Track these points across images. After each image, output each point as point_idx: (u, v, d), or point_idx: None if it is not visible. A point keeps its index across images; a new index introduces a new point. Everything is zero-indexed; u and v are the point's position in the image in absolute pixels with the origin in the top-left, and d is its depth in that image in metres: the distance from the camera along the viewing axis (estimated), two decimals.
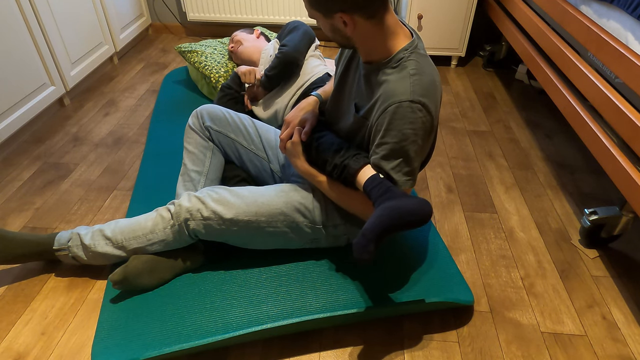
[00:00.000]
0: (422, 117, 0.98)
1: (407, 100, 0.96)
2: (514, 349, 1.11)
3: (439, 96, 1.03)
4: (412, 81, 0.97)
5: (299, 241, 1.23)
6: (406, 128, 0.97)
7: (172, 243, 1.18)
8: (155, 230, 1.17)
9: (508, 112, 2.17)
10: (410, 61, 0.99)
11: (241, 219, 1.15)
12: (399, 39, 1.01)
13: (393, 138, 0.99)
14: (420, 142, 1.00)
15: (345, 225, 1.20)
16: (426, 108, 0.98)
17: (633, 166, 1.17)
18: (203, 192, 1.17)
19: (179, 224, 1.15)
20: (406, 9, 2.46)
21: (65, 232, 1.23)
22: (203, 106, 1.40)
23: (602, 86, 1.31)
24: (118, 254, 1.19)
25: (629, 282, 1.30)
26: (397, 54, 1.00)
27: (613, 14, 1.32)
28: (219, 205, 1.14)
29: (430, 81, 1.00)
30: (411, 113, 0.97)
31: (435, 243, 1.34)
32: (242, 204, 1.15)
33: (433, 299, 1.14)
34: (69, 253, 1.21)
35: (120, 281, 1.14)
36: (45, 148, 1.86)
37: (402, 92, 0.97)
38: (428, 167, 1.77)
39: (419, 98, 0.96)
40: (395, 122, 0.98)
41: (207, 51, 2.10)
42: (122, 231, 1.18)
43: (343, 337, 1.14)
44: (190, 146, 1.35)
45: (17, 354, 1.09)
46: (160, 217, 1.17)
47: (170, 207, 1.18)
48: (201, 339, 1.07)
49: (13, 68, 1.79)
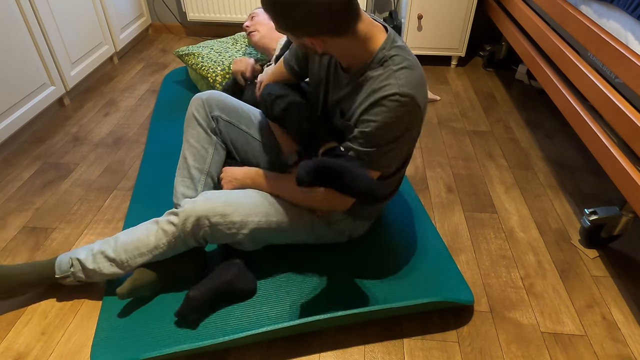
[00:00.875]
0: (409, 111, 0.96)
1: (395, 93, 0.94)
2: (514, 349, 1.11)
3: (426, 88, 1.01)
4: (397, 75, 0.96)
5: (305, 238, 1.22)
6: (390, 120, 0.96)
7: (179, 250, 1.15)
8: (160, 245, 1.12)
9: (508, 112, 2.17)
10: (394, 57, 0.98)
11: (250, 221, 1.11)
12: (375, 40, 0.99)
13: (371, 127, 0.97)
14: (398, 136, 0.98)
15: (347, 220, 1.20)
16: (414, 100, 0.96)
17: (633, 166, 1.17)
18: (209, 196, 1.12)
19: (185, 234, 1.10)
20: (406, 9, 2.46)
21: (63, 256, 1.17)
22: (209, 92, 1.29)
23: (602, 86, 1.31)
24: (125, 272, 1.15)
25: (629, 282, 1.30)
26: (377, 54, 0.99)
27: (613, 14, 1.32)
28: (227, 207, 1.09)
29: (418, 75, 0.98)
30: (398, 105, 0.95)
31: (435, 243, 1.34)
32: (252, 205, 1.12)
33: (433, 299, 1.14)
34: (73, 278, 1.16)
35: (127, 294, 1.11)
36: (45, 148, 1.86)
37: (388, 87, 0.95)
38: (428, 167, 1.77)
39: (407, 91, 0.95)
40: (380, 114, 0.96)
41: (203, 52, 2.10)
42: (125, 250, 1.13)
43: (343, 337, 1.14)
44: (192, 139, 1.26)
45: (17, 354, 1.09)
46: (162, 232, 1.12)
47: (172, 218, 1.12)
48: (201, 340, 1.07)
49: (13, 68, 1.79)
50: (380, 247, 1.33)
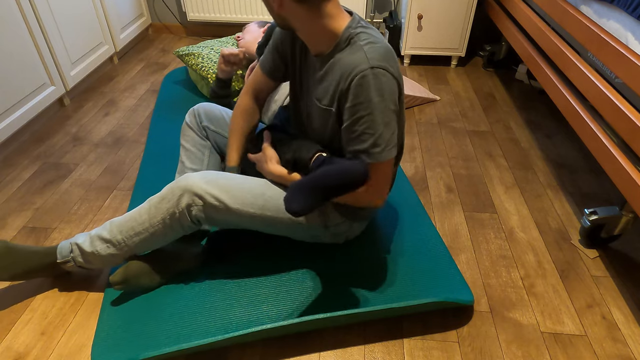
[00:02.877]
0: (387, 82, 0.95)
1: (368, 68, 0.94)
2: (514, 349, 1.11)
3: (397, 62, 1.00)
4: (366, 50, 0.95)
5: (301, 235, 1.22)
6: (374, 96, 0.95)
7: (175, 230, 1.13)
8: (155, 223, 1.11)
9: (508, 112, 2.17)
10: (359, 34, 0.98)
11: (246, 211, 1.11)
12: (339, 20, 0.99)
13: (363, 111, 0.96)
14: (392, 107, 0.98)
15: (344, 223, 1.20)
16: (389, 72, 0.95)
17: (633, 166, 1.17)
18: (207, 176, 1.10)
19: (179, 211, 1.08)
20: (406, 9, 2.46)
21: (64, 242, 1.18)
22: (200, 104, 1.38)
23: (602, 86, 1.31)
24: (123, 253, 1.15)
25: (629, 282, 1.30)
26: (343, 34, 0.99)
27: (613, 14, 1.32)
28: (223, 193, 1.08)
29: (385, 48, 0.97)
30: (375, 79, 0.94)
31: (435, 243, 1.34)
32: (250, 195, 1.11)
33: (433, 299, 1.14)
34: (74, 263, 1.17)
35: (121, 282, 1.13)
36: (45, 148, 1.86)
37: (359, 62, 0.95)
38: (428, 167, 1.77)
39: (378, 63, 0.94)
40: (362, 94, 0.95)
41: (203, 52, 2.10)
42: (121, 230, 1.13)
43: (343, 337, 1.14)
44: (188, 144, 1.33)
45: (17, 354, 1.09)
46: (156, 209, 1.10)
47: (166, 193, 1.10)
48: (201, 339, 1.07)
49: (13, 68, 1.79)
50: (380, 247, 1.33)
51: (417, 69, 2.64)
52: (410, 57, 2.67)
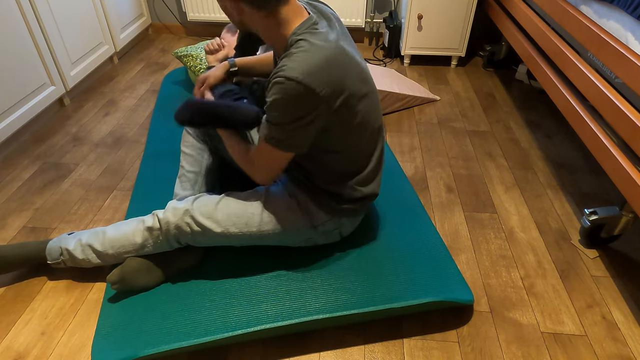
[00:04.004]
0: (295, 95, 0.93)
1: (282, 77, 0.92)
2: (514, 349, 1.11)
3: (332, 73, 0.95)
4: (293, 58, 0.93)
5: (293, 242, 1.23)
6: (276, 100, 0.94)
7: (164, 249, 1.20)
8: (146, 245, 1.17)
9: (508, 112, 2.17)
10: (299, 41, 0.96)
11: (232, 232, 1.15)
12: (290, 25, 0.97)
13: (266, 106, 0.98)
14: (292, 120, 0.96)
15: (332, 220, 1.20)
16: (300, 84, 0.92)
17: (633, 166, 1.17)
18: (191, 203, 1.15)
19: (169, 238, 1.16)
20: (406, 9, 2.46)
21: (53, 243, 1.22)
22: None
23: (602, 86, 1.31)
24: (113, 262, 1.21)
25: (629, 282, 1.30)
26: (289, 39, 0.98)
27: (613, 14, 1.32)
28: (207, 220, 1.14)
29: (320, 58, 0.93)
30: (282, 89, 0.92)
31: (435, 243, 1.34)
32: (232, 216, 1.15)
33: (433, 298, 1.14)
34: (64, 265, 1.23)
35: (118, 281, 1.14)
36: (45, 148, 1.86)
37: (280, 69, 0.93)
38: (428, 167, 1.77)
39: (294, 75, 0.91)
40: (271, 97, 0.95)
41: (202, 54, 2.10)
42: (112, 245, 1.17)
43: (343, 337, 1.14)
44: (188, 149, 1.35)
45: (17, 353, 1.09)
46: (148, 232, 1.16)
47: (155, 221, 1.16)
48: (200, 337, 1.07)
49: (13, 68, 1.79)
50: (380, 247, 1.33)
51: (417, 69, 2.64)
52: (410, 57, 2.67)
